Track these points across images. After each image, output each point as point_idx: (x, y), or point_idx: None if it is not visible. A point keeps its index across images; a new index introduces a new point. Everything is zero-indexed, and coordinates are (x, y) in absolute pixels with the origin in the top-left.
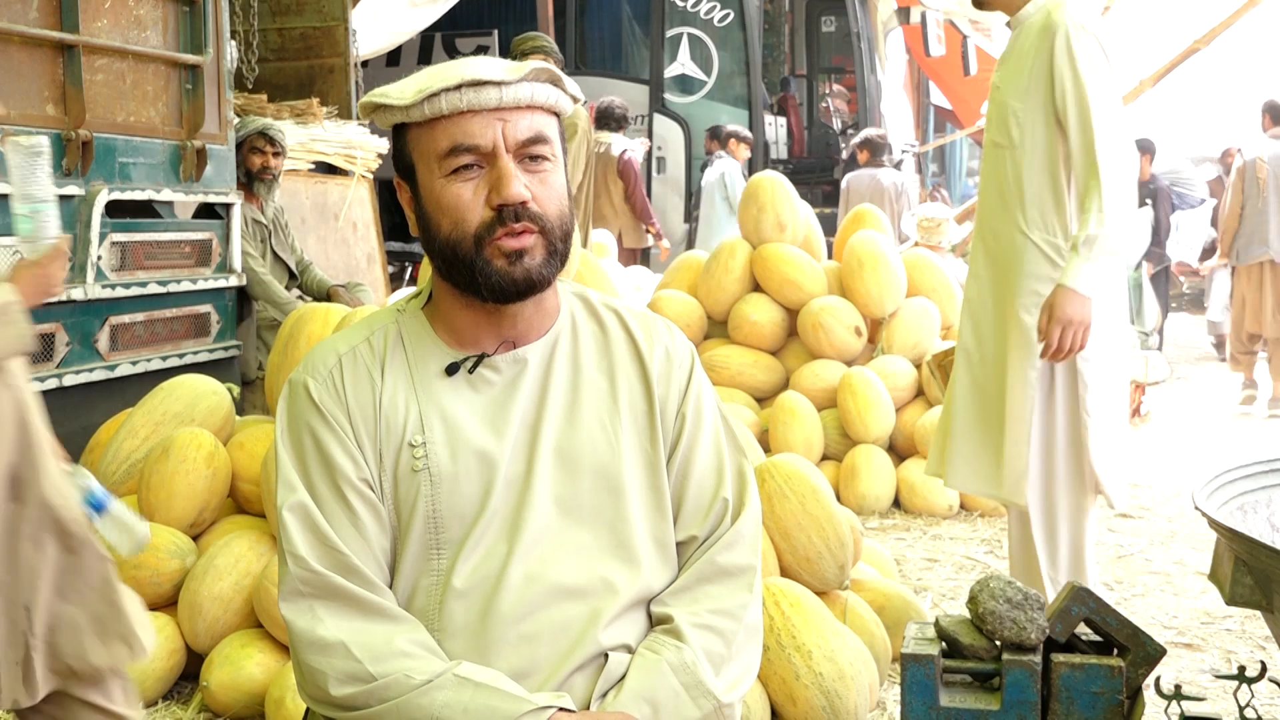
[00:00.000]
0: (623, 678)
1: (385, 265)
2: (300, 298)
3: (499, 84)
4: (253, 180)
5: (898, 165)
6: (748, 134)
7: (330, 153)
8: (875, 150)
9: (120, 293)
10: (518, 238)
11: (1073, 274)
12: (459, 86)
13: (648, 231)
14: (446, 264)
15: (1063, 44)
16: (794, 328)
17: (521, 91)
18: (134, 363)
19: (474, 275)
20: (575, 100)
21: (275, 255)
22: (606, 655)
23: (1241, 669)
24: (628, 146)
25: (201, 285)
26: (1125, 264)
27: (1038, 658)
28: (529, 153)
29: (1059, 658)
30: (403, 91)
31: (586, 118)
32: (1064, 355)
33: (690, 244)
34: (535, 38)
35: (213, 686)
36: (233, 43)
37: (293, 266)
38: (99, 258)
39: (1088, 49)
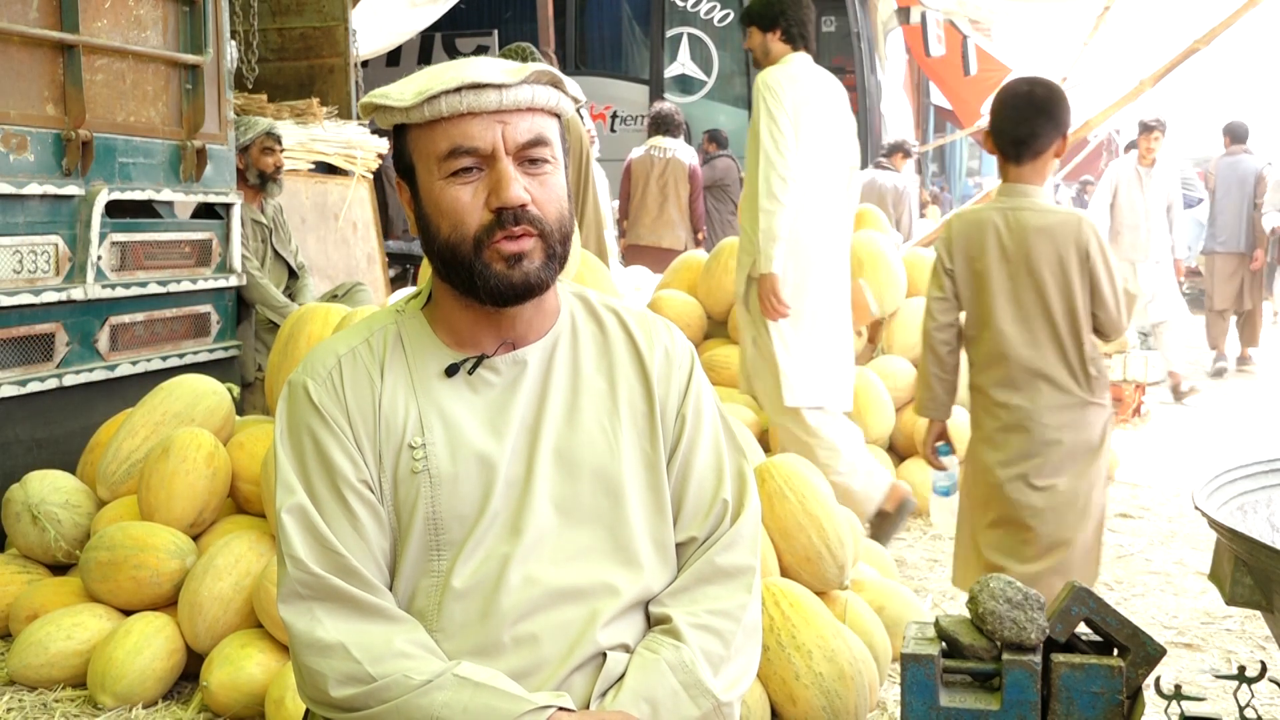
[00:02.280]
0: (621, 677)
1: (385, 265)
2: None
3: (499, 87)
4: (266, 181)
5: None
6: None
7: (330, 153)
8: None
9: (120, 293)
10: (516, 241)
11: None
12: (459, 89)
13: (695, 235)
14: (446, 266)
15: (756, 99)
16: None
17: (522, 94)
18: (134, 363)
19: (472, 278)
20: (576, 101)
21: (276, 254)
22: (605, 655)
23: (1241, 669)
24: (692, 153)
25: (201, 285)
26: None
27: (1038, 658)
28: (529, 155)
29: (1059, 658)
30: (402, 93)
31: (579, 122)
32: (768, 315)
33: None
34: (520, 49)
35: (213, 686)
36: (233, 43)
37: (292, 264)
38: (99, 258)
39: (764, 102)
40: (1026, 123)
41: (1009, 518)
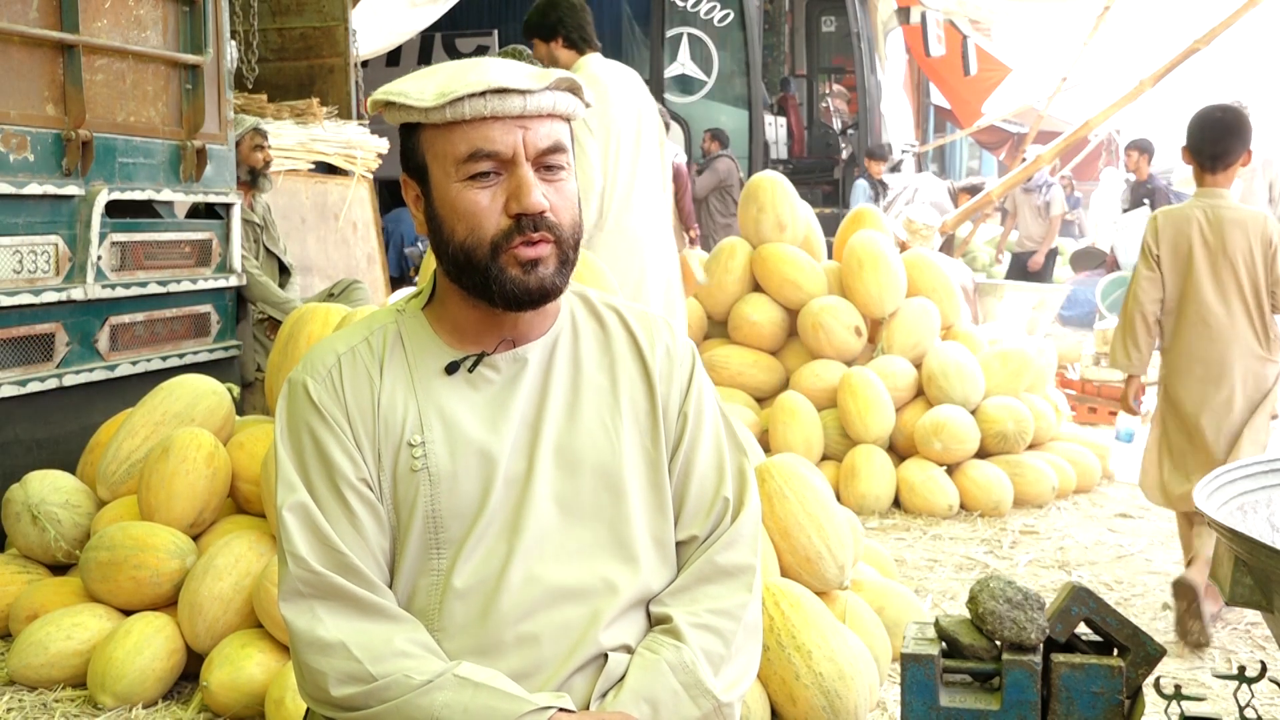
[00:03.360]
0: (622, 677)
1: (385, 265)
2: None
3: (524, 93)
4: (256, 177)
5: (897, 166)
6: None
7: (330, 153)
8: None
9: (120, 293)
10: (534, 246)
11: None
12: (484, 93)
13: (687, 234)
14: (458, 269)
15: None
16: (794, 328)
17: (544, 101)
18: (134, 363)
19: (487, 282)
20: (588, 106)
21: (268, 251)
22: (606, 655)
23: (1241, 669)
24: (677, 152)
25: (201, 285)
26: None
27: (1038, 658)
28: (546, 162)
29: (1059, 658)
30: (422, 92)
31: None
32: None
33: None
34: (517, 51)
35: (213, 686)
36: (233, 43)
37: (284, 260)
38: (99, 258)
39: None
40: (1221, 141)
41: (1196, 440)
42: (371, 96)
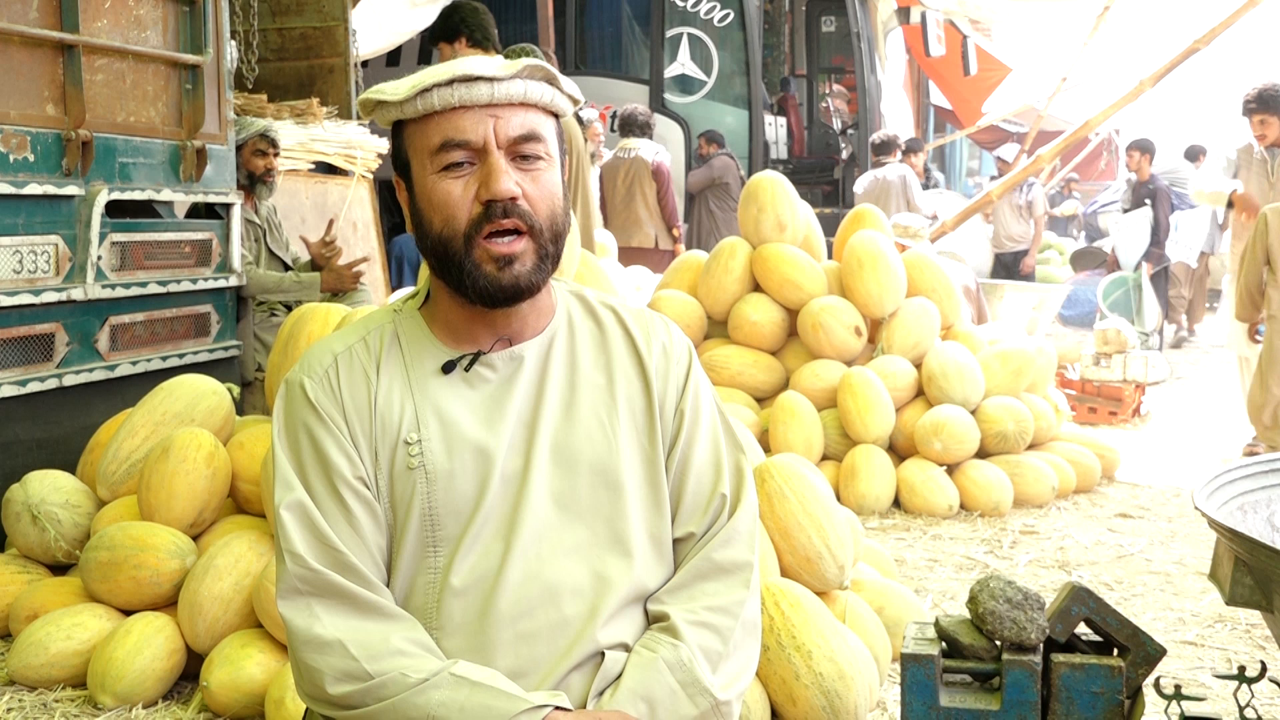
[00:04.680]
0: (619, 676)
1: (385, 265)
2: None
3: (490, 80)
4: (254, 182)
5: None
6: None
7: (330, 153)
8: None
9: (120, 293)
10: (507, 243)
11: None
12: (450, 82)
13: (670, 232)
14: (439, 262)
15: None
16: (794, 328)
17: (514, 88)
18: (134, 363)
19: (463, 276)
20: (576, 102)
21: (270, 253)
22: (603, 654)
23: (1241, 669)
24: (658, 151)
25: (201, 285)
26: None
27: (1038, 658)
28: (521, 150)
29: (1059, 658)
30: (397, 88)
31: (574, 124)
32: None
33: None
34: (522, 49)
35: (213, 686)
36: (233, 43)
37: (289, 263)
38: (99, 258)
39: None
40: None
41: None
42: (359, 98)
